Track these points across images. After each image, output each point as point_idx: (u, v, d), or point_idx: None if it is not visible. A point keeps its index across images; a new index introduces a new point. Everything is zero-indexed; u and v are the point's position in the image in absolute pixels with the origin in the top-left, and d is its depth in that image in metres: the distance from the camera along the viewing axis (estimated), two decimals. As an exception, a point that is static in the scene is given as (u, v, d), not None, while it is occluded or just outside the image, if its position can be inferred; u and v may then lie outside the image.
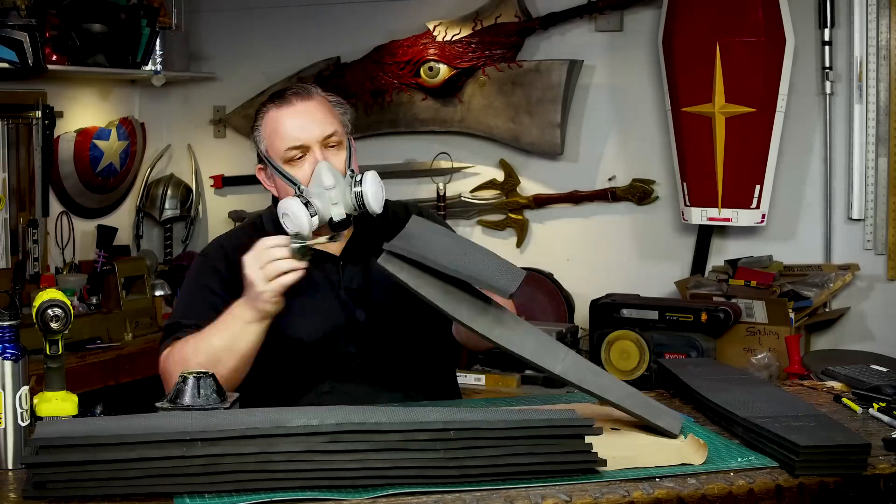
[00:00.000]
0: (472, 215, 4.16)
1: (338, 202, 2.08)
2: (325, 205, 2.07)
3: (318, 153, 2.10)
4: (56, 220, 4.10)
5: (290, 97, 2.14)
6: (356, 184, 2.10)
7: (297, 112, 2.12)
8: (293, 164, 2.12)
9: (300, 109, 2.13)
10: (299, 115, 2.12)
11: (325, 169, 2.08)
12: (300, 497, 1.49)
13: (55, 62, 3.80)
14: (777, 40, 3.43)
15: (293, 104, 2.13)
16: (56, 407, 1.72)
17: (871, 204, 3.52)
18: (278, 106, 2.14)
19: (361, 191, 2.09)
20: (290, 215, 2.07)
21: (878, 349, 3.34)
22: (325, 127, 2.12)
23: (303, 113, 2.12)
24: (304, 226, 2.06)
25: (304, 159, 2.11)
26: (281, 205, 2.10)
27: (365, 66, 4.21)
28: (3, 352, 1.63)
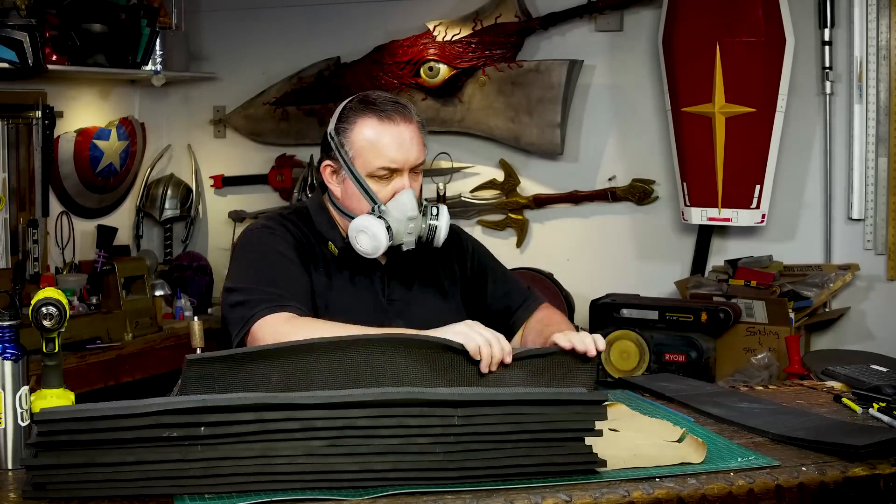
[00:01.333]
0: (472, 215, 4.16)
1: (413, 232, 2.12)
2: (401, 231, 2.11)
3: (407, 179, 2.12)
4: (56, 220, 4.10)
5: (395, 115, 2.12)
6: (432, 217, 2.14)
7: (399, 132, 2.12)
8: (378, 180, 2.12)
9: (402, 130, 2.12)
10: (401, 136, 2.12)
11: (411, 198, 2.11)
12: (300, 497, 1.49)
13: (55, 62, 3.80)
14: (777, 40, 3.43)
15: (397, 123, 2.12)
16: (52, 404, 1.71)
17: (871, 204, 3.52)
18: (380, 119, 2.12)
19: (437, 226, 2.14)
20: (369, 235, 2.08)
21: (878, 349, 3.34)
22: (419, 154, 2.14)
23: (405, 134, 2.12)
24: (380, 248, 2.09)
25: (390, 179, 2.12)
26: (360, 222, 2.10)
27: (365, 66, 4.21)
28: (2, 352, 1.63)
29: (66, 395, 1.74)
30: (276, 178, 4.44)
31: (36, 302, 1.69)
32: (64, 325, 1.71)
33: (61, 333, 1.72)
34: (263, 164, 4.50)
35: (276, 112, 4.40)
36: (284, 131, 4.43)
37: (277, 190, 4.45)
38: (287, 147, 4.45)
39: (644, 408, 2.01)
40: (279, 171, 4.43)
